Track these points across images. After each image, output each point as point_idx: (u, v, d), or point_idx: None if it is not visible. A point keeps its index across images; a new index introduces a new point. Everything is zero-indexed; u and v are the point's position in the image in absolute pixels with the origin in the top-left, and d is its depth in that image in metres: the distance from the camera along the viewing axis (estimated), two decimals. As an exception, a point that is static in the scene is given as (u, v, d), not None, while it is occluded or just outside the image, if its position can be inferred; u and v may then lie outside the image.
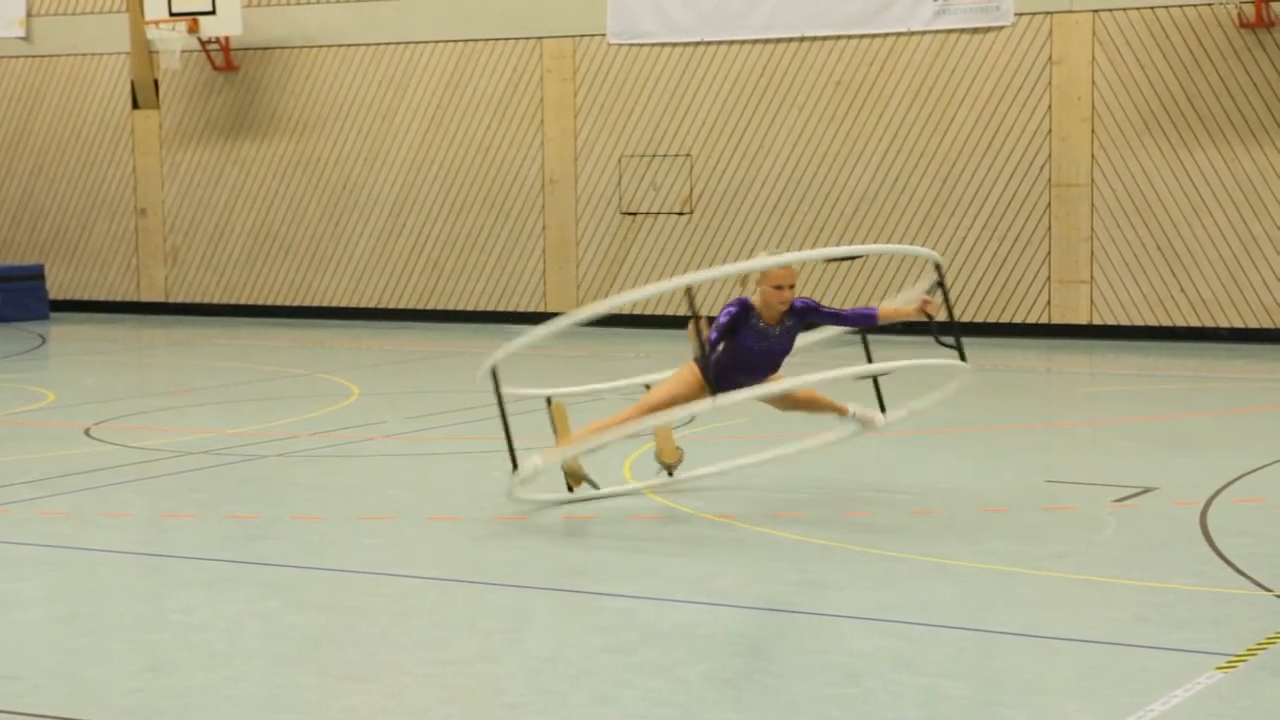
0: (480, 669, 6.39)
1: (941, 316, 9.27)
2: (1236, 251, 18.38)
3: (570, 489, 9.41)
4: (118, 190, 23.62)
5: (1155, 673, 6.21)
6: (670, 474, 9.71)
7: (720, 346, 8.95)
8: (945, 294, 9.31)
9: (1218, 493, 9.66)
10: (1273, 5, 18.03)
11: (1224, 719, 5.71)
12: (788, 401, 9.45)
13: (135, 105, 23.38)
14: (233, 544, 8.66)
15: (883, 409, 9.68)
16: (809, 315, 9.17)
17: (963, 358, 9.29)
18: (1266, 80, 18.16)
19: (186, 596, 7.58)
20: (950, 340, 9.21)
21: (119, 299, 23.76)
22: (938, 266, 9.51)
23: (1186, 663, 6.30)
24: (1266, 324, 18.32)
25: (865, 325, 9.38)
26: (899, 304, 9.51)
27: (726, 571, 7.91)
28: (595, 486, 9.44)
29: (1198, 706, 5.79)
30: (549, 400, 9.49)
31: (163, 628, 7.06)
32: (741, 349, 8.99)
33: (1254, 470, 10.43)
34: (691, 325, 8.70)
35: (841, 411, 9.63)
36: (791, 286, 8.94)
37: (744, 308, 8.95)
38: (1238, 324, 18.44)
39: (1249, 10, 18.05)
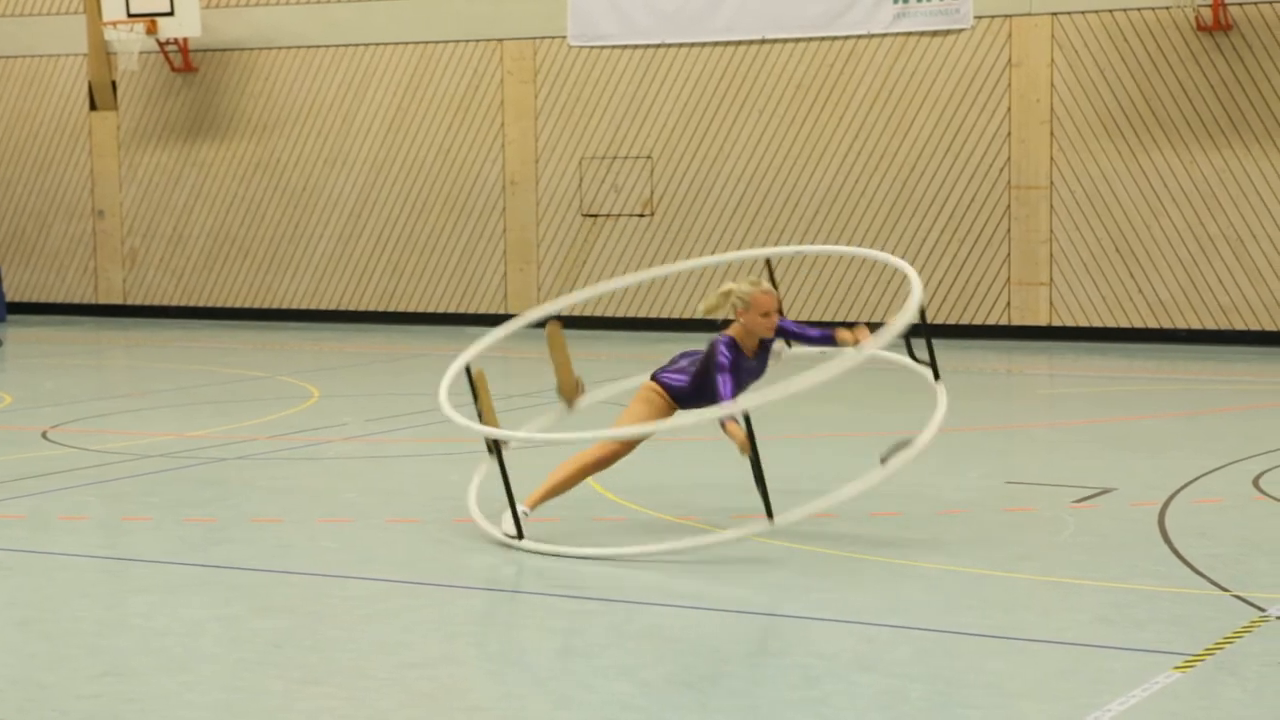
0: (442, 672, 6.37)
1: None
2: (1194, 253, 18.49)
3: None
4: (75, 192, 23.49)
5: (1115, 673, 6.24)
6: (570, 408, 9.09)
7: (696, 380, 8.46)
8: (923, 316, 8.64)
9: (1176, 494, 9.72)
10: (1229, 9, 18.15)
11: (1180, 718, 5.74)
12: None
13: (93, 107, 23.25)
14: (192, 547, 8.63)
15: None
16: (779, 335, 8.65)
17: (935, 375, 8.73)
18: (1224, 83, 18.27)
19: (145, 600, 7.54)
20: (925, 358, 8.74)
21: (76, 301, 23.62)
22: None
23: (1146, 663, 6.33)
24: (1224, 325, 18.43)
25: (827, 345, 8.73)
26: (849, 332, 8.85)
27: (689, 574, 7.91)
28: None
29: (1155, 706, 5.82)
30: (468, 368, 8.62)
31: (121, 632, 7.02)
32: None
33: (1211, 471, 10.48)
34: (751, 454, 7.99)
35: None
36: (779, 312, 8.49)
37: (733, 346, 8.40)
38: (1195, 325, 18.55)
39: (1206, 13, 18.15)
